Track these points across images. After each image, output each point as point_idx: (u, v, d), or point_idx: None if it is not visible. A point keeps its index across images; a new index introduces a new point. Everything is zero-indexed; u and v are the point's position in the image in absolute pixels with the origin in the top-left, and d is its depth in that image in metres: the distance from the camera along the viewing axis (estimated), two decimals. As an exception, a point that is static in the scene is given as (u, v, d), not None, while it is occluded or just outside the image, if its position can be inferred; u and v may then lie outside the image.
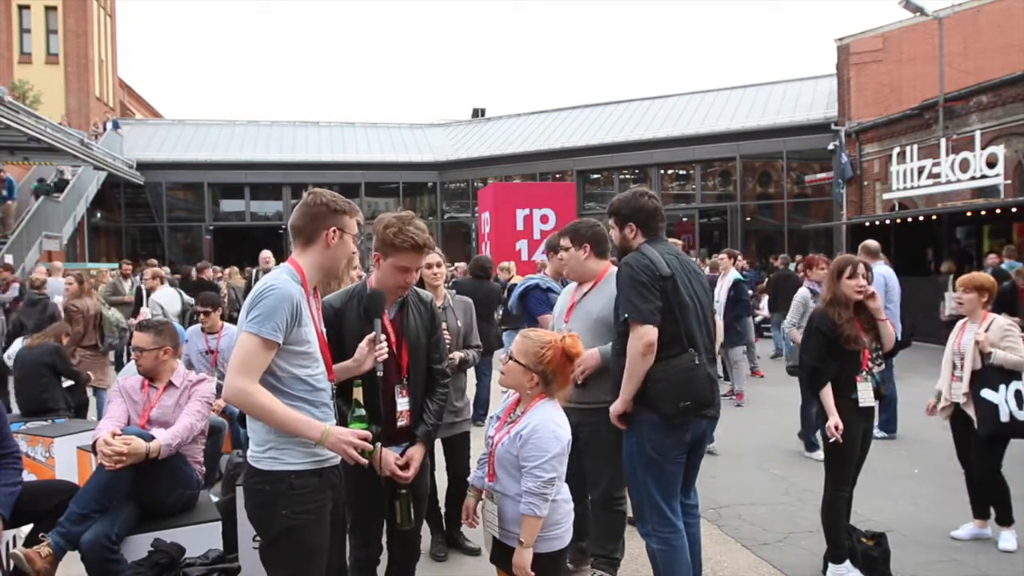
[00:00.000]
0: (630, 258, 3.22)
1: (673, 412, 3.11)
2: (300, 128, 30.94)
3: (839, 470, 3.90)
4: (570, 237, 3.80)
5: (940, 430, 4.73)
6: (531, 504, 2.58)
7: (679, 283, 3.19)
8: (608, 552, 3.77)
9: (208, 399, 4.04)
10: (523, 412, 2.73)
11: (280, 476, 2.42)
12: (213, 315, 6.02)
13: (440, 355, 3.18)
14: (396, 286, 2.96)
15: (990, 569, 4.13)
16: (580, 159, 26.44)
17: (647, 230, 3.36)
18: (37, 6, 30.23)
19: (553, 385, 2.73)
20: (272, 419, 2.39)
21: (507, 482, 2.69)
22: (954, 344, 4.58)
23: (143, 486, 3.54)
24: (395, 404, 2.96)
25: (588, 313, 3.73)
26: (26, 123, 16.32)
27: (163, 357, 4.02)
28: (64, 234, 21.72)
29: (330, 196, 2.57)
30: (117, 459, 3.44)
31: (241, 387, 2.34)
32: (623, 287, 3.17)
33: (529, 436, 2.62)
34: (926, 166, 15.98)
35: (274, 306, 2.37)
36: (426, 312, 3.11)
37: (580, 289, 3.88)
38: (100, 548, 3.28)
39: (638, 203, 3.38)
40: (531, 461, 2.60)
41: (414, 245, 2.89)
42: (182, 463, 3.77)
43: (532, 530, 2.60)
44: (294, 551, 2.45)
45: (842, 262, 3.98)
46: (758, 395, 9.14)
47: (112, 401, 4.04)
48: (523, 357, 2.72)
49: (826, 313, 3.90)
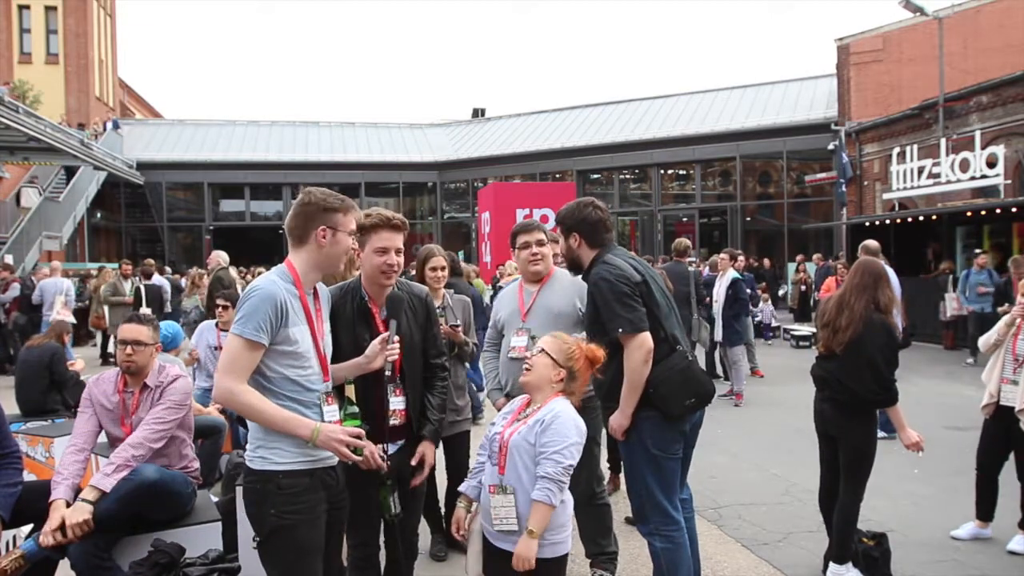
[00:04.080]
0: (603, 271, 3.24)
1: (680, 412, 3.15)
2: (300, 128, 30.95)
3: (863, 478, 3.86)
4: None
5: (940, 430, 4.73)
6: (547, 490, 2.53)
7: (651, 286, 3.25)
8: (603, 548, 3.81)
9: (177, 402, 3.67)
10: (538, 407, 2.72)
11: (269, 476, 2.44)
12: (231, 311, 6.01)
13: (438, 350, 3.17)
14: (379, 272, 2.92)
15: (990, 569, 4.13)
16: (580, 159, 26.44)
17: (592, 241, 3.40)
18: (37, 6, 30.25)
19: (575, 384, 2.78)
20: (261, 418, 2.40)
21: (520, 473, 2.63)
22: (1009, 343, 4.44)
23: (140, 515, 3.44)
24: (387, 403, 2.95)
25: (548, 310, 3.76)
26: (26, 123, 16.32)
27: (155, 354, 3.82)
28: (64, 234, 21.74)
29: (321, 195, 2.56)
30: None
31: (228, 387, 2.38)
32: (606, 301, 3.18)
33: (551, 422, 2.61)
34: (926, 166, 15.97)
35: (256, 306, 2.40)
36: (420, 307, 3.10)
37: (527, 288, 3.92)
38: (89, 556, 3.22)
39: (582, 214, 3.42)
40: (552, 446, 2.57)
41: (384, 220, 2.90)
42: (172, 483, 3.50)
43: (543, 519, 2.54)
44: (284, 550, 2.45)
45: (883, 268, 3.95)
46: (758, 395, 9.14)
47: (81, 414, 3.70)
48: (555, 352, 2.77)
49: (894, 323, 3.82)
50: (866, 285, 3.85)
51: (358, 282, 3.04)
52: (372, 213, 2.93)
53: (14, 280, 12.48)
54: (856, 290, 3.87)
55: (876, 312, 3.78)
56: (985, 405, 4.50)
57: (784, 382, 10.01)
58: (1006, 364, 4.42)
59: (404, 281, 3.19)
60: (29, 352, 6.49)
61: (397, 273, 2.97)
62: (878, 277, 3.86)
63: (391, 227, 2.91)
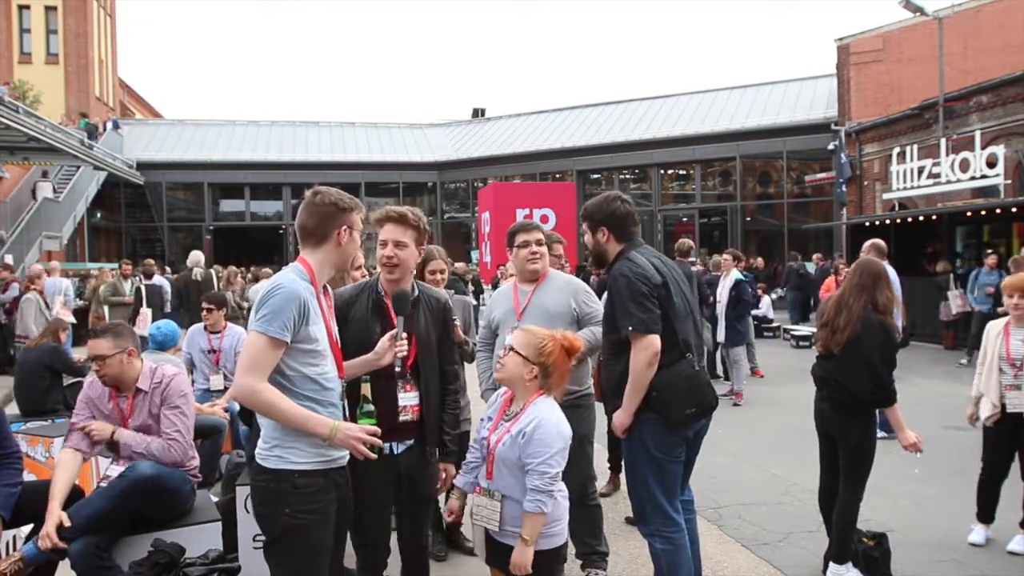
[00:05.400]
0: (624, 268, 3.21)
1: (680, 420, 3.13)
2: (300, 128, 30.94)
3: (863, 477, 3.86)
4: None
5: (940, 430, 4.72)
6: (537, 502, 2.58)
7: (671, 289, 3.21)
8: (593, 548, 3.84)
9: (181, 403, 3.67)
10: (521, 410, 2.72)
11: (284, 475, 2.44)
12: (216, 313, 5.98)
13: (450, 356, 3.17)
14: (380, 264, 3.02)
15: (990, 569, 4.13)
16: (580, 159, 26.44)
17: (620, 235, 3.37)
18: (37, 6, 30.25)
19: (551, 380, 2.74)
20: (281, 416, 2.40)
21: (508, 481, 2.68)
22: (1001, 349, 4.38)
23: (139, 513, 3.45)
24: (397, 399, 2.96)
25: (543, 309, 3.75)
26: (26, 123, 16.31)
27: (128, 360, 3.63)
28: (64, 234, 21.73)
29: (336, 195, 2.59)
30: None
31: (249, 385, 2.37)
32: (621, 298, 3.16)
33: (532, 433, 2.61)
34: (926, 166, 15.97)
35: (281, 305, 2.39)
36: (438, 310, 3.12)
37: (522, 288, 3.92)
38: (90, 557, 3.22)
39: (610, 208, 3.38)
40: (536, 458, 2.59)
41: (383, 214, 3.01)
42: (169, 480, 3.50)
43: (536, 527, 2.59)
44: (297, 550, 2.45)
45: (883, 268, 3.93)
46: (758, 395, 9.15)
47: (79, 412, 3.68)
48: (524, 348, 2.73)
49: (892, 324, 3.80)
50: (864, 285, 3.84)
51: (376, 281, 3.08)
52: (379, 209, 3.05)
53: (14, 280, 12.48)
54: (855, 290, 3.86)
55: (874, 312, 3.77)
56: (989, 416, 4.40)
57: (784, 382, 10.01)
58: (1004, 371, 4.36)
59: (425, 285, 3.22)
60: (27, 353, 6.51)
61: (398, 267, 2.98)
62: (877, 277, 3.85)
63: (390, 220, 2.98)
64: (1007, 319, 4.47)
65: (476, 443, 2.92)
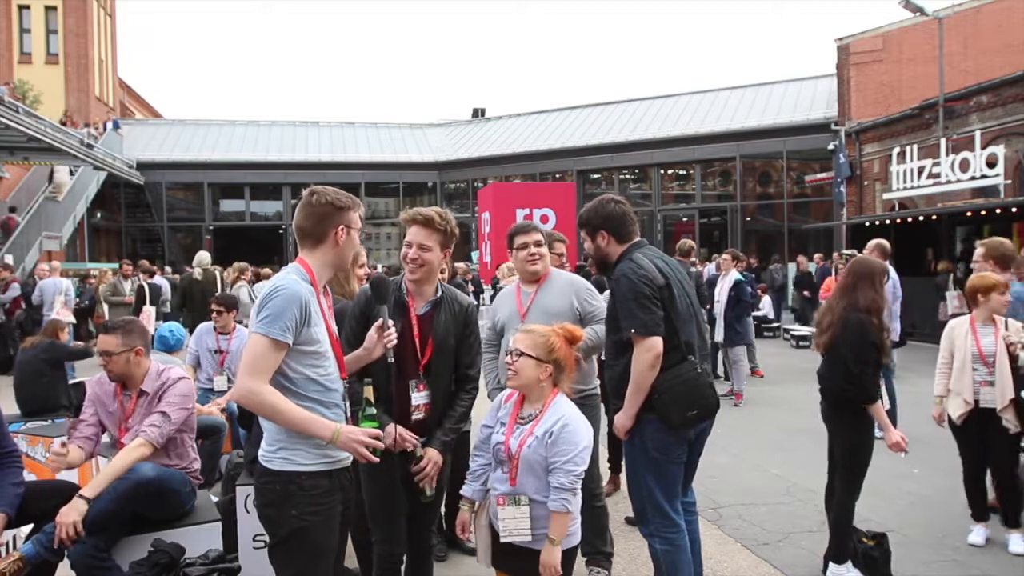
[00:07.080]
0: (627, 269, 3.20)
1: (681, 422, 3.13)
2: (300, 128, 30.94)
3: (858, 477, 3.87)
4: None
5: (940, 430, 4.72)
6: (563, 500, 2.57)
7: (674, 290, 3.20)
8: (598, 548, 3.86)
9: (177, 404, 3.65)
10: (541, 411, 2.71)
11: (290, 476, 2.43)
12: (226, 315, 6.03)
13: (471, 360, 3.15)
14: (404, 264, 3.03)
15: (990, 569, 4.13)
16: (580, 159, 26.44)
17: (620, 236, 3.35)
18: (37, 6, 30.24)
19: (563, 373, 2.75)
20: (282, 419, 2.39)
21: (531, 484, 2.66)
22: (972, 348, 4.42)
23: (139, 514, 3.45)
24: (410, 398, 2.97)
25: (545, 310, 3.76)
26: (26, 123, 16.31)
27: (135, 359, 3.66)
28: (64, 234, 21.73)
29: (333, 194, 2.57)
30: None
31: (250, 387, 2.35)
32: (624, 299, 3.15)
33: (560, 432, 2.61)
34: (926, 166, 15.97)
35: (283, 307, 2.37)
36: (460, 314, 3.11)
37: (524, 289, 3.93)
38: (89, 557, 3.22)
39: (605, 210, 3.37)
40: (563, 456, 2.59)
41: (410, 216, 3.04)
42: (169, 481, 3.50)
43: (563, 526, 2.59)
44: (302, 551, 2.45)
45: (880, 268, 3.92)
46: (758, 395, 9.13)
47: (86, 408, 3.75)
48: (533, 350, 2.72)
49: (873, 323, 3.77)
50: (847, 286, 3.90)
51: (401, 280, 3.10)
52: (410, 211, 3.09)
53: (14, 280, 12.48)
54: (838, 291, 3.95)
55: (854, 312, 3.80)
56: (960, 414, 4.46)
57: (784, 382, 9.99)
58: (977, 368, 4.41)
59: (450, 288, 3.21)
60: (25, 353, 6.51)
61: (422, 267, 2.99)
62: (860, 278, 3.87)
63: (415, 223, 3.00)
64: (968, 317, 4.55)
65: (479, 450, 2.90)
